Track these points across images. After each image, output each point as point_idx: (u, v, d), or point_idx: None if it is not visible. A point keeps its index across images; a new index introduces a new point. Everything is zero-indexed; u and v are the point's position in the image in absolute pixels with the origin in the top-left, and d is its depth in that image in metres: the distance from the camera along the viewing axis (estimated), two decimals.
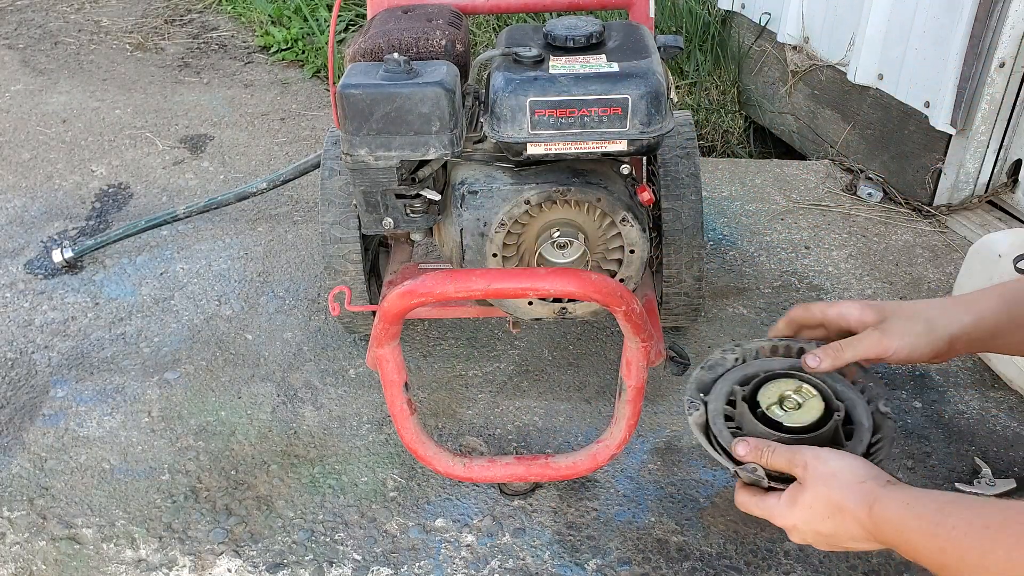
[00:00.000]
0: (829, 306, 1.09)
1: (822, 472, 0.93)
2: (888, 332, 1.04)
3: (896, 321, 1.05)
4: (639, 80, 1.62)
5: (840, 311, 1.09)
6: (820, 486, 0.93)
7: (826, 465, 0.94)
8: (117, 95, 3.72)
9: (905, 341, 1.04)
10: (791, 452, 0.97)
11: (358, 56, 1.82)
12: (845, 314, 1.10)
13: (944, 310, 1.06)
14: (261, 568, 1.79)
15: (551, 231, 1.76)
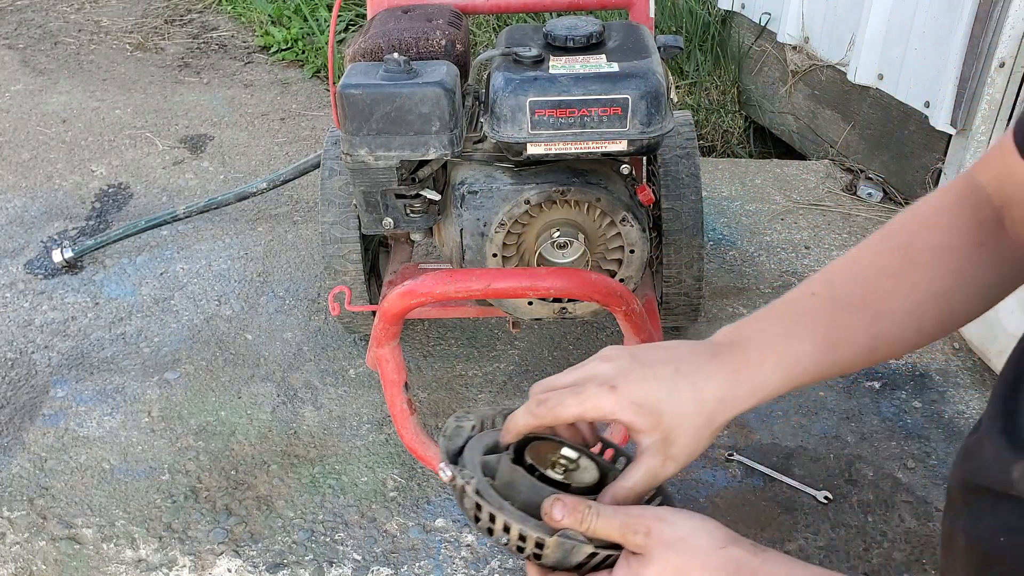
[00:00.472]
0: (579, 401, 0.75)
1: (669, 537, 0.70)
2: (673, 454, 0.76)
3: (679, 433, 0.75)
4: (639, 80, 1.62)
5: (598, 414, 0.76)
6: (670, 555, 0.70)
7: (674, 528, 0.71)
8: (117, 95, 3.72)
9: (688, 454, 0.77)
10: (625, 514, 0.72)
11: (358, 56, 1.82)
12: (605, 416, 0.76)
13: (725, 388, 0.77)
14: (261, 568, 1.79)
15: (551, 231, 1.76)
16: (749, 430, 2.08)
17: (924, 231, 0.82)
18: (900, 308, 0.78)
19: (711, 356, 0.76)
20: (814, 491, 1.90)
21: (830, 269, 0.81)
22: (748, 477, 1.96)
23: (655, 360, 0.75)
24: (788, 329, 0.77)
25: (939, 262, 0.80)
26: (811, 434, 2.06)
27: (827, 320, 0.77)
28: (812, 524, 1.84)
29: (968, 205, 0.82)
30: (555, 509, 0.72)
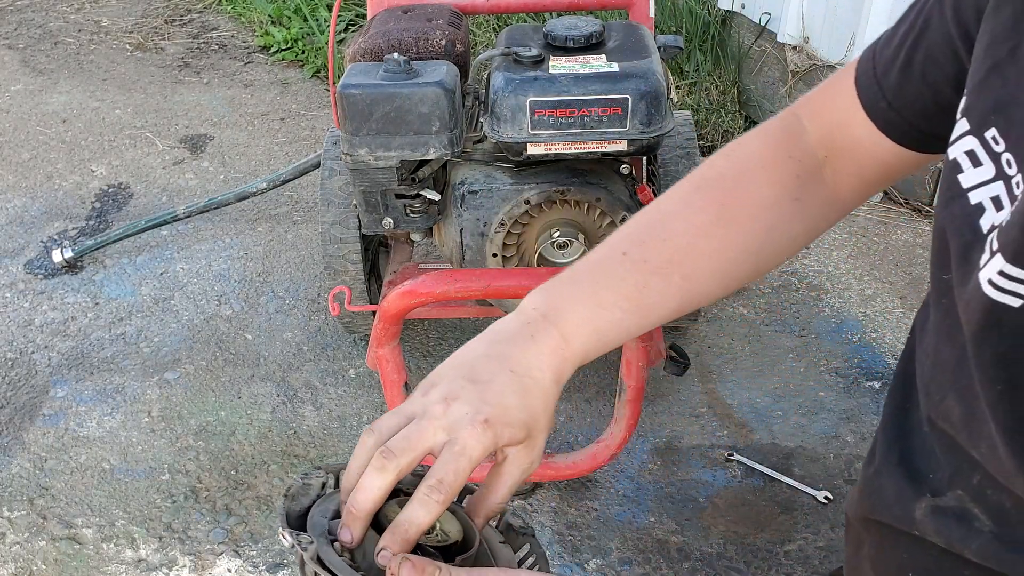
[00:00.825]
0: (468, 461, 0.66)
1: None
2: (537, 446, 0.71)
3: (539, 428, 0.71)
4: (639, 80, 1.62)
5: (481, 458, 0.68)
6: None
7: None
8: (117, 95, 3.72)
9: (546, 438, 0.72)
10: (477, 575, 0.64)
11: (358, 56, 1.82)
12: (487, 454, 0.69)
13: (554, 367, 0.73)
14: (261, 568, 1.79)
15: (551, 231, 1.76)
16: (749, 430, 2.08)
17: (740, 186, 0.77)
18: (711, 267, 0.76)
19: (531, 340, 0.72)
20: (814, 491, 1.90)
21: (641, 225, 0.77)
22: (748, 477, 1.96)
23: (491, 373, 0.69)
24: (599, 296, 0.73)
25: (754, 220, 0.77)
26: (811, 434, 2.06)
27: (639, 285, 0.74)
28: (812, 524, 1.84)
29: (787, 156, 0.78)
30: (403, 570, 0.62)
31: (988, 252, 0.54)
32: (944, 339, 0.61)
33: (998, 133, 0.56)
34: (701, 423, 2.11)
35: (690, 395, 2.19)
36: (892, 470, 0.68)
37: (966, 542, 0.60)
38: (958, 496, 0.62)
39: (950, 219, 0.59)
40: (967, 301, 0.55)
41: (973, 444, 0.58)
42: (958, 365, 0.59)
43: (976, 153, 0.58)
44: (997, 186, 0.56)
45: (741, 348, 2.33)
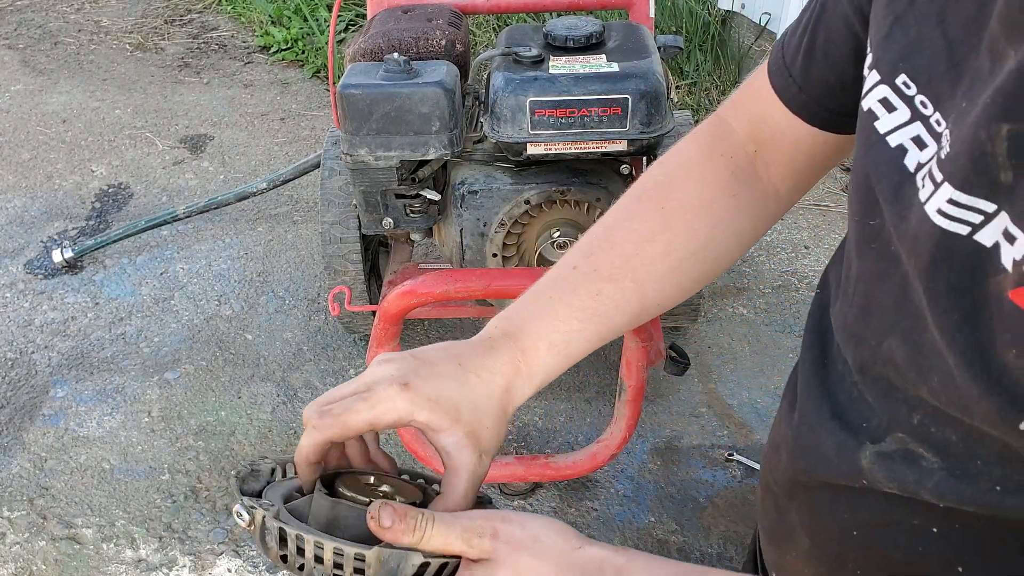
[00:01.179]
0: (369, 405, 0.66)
1: (520, 538, 0.62)
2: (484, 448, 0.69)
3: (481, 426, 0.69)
4: (639, 80, 1.62)
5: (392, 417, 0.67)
6: (522, 556, 0.62)
7: (524, 528, 0.63)
8: (117, 95, 3.72)
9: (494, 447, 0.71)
10: (465, 519, 0.63)
11: (358, 56, 1.82)
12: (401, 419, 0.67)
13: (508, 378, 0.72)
14: (261, 568, 1.79)
15: (551, 231, 1.76)
16: (749, 430, 2.08)
17: (677, 190, 0.80)
18: (661, 271, 0.77)
19: (489, 350, 0.72)
20: None
21: (589, 240, 0.79)
22: (748, 477, 1.96)
23: (437, 357, 0.70)
24: (556, 310, 0.75)
25: (694, 220, 0.79)
26: None
27: (592, 294, 0.75)
28: None
29: (719, 154, 0.81)
30: (383, 514, 0.61)
31: (930, 185, 0.55)
32: (879, 283, 0.62)
33: (908, 78, 0.60)
34: (701, 423, 2.11)
35: (690, 395, 2.19)
36: (827, 424, 0.68)
37: (921, 482, 0.61)
38: (899, 439, 0.63)
39: (873, 165, 0.62)
40: (913, 237, 0.56)
41: (922, 380, 0.58)
42: (898, 305, 0.60)
43: (889, 99, 0.61)
44: (915, 127, 0.59)
45: (741, 348, 2.33)
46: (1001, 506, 0.57)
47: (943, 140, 0.56)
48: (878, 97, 0.62)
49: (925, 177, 0.57)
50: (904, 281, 0.59)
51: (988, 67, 0.54)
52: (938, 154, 0.56)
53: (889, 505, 0.65)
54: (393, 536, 0.61)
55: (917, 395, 0.60)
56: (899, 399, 0.62)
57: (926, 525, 0.63)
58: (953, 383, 0.55)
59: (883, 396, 0.64)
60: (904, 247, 0.58)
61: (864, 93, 0.64)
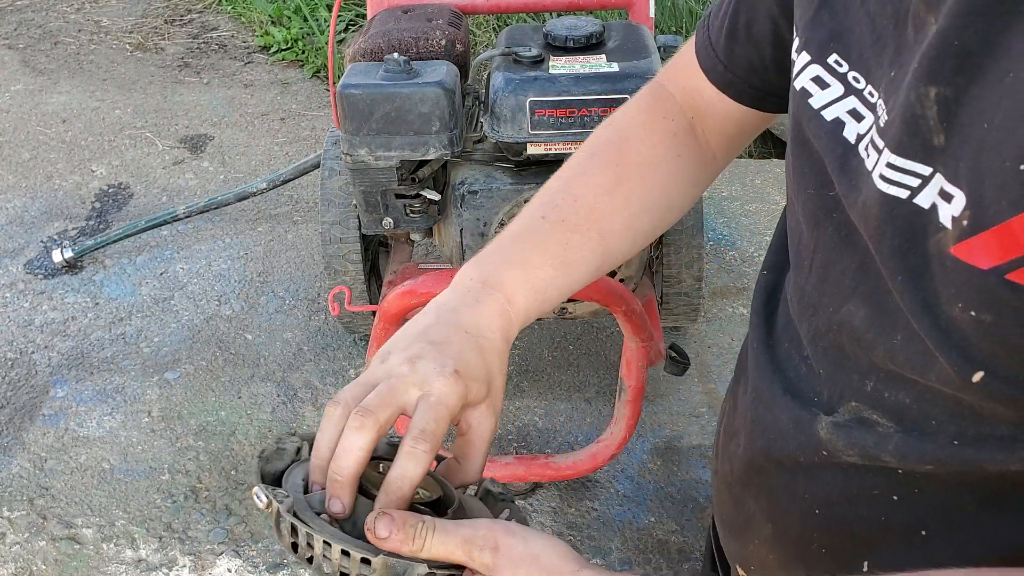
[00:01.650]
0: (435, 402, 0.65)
1: (520, 554, 0.60)
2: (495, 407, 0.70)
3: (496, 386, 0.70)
4: (639, 80, 1.62)
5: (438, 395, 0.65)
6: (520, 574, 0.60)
7: (526, 545, 0.61)
8: (117, 95, 3.72)
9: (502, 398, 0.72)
10: (469, 527, 0.61)
11: (358, 56, 1.82)
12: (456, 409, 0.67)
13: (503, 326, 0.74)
14: (261, 568, 1.79)
15: None
16: None
17: (629, 147, 0.83)
18: (620, 223, 0.80)
19: (476, 304, 0.75)
20: None
21: (550, 192, 0.81)
22: None
23: (445, 334, 0.70)
24: (529, 259, 0.78)
25: (646, 176, 0.82)
26: None
27: (562, 244, 0.78)
28: None
29: (661, 117, 0.85)
30: (379, 525, 0.59)
31: (874, 153, 0.57)
32: (839, 251, 0.63)
33: (839, 57, 0.63)
34: (701, 423, 2.11)
35: (690, 395, 2.19)
36: (781, 401, 0.70)
37: (881, 445, 0.62)
38: (852, 408, 0.64)
39: (816, 139, 0.64)
40: (863, 204, 0.58)
41: (883, 340, 0.60)
42: (860, 270, 0.62)
43: (822, 77, 0.64)
44: (850, 100, 0.62)
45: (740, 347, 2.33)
46: (960, 459, 0.58)
47: (878, 109, 0.58)
48: (810, 76, 0.65)
49: (868, 147, 0.59)
50: (866, 247, 0.60)
51: (913, 36, 0.56)
52: (876, 123, 0.58)
53: (848, 478, 0.66)
54: (392, 546, 0.60)
55: (871, 361, 0.62)
56: (851, 368, 0.64)
57: (887, 494, 0.64)
58: (913, 338, 0.57)
59: (835, 366, 0.65)
60: (855, 214, 0.60)
61: (796, 74, 0.66)
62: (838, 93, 0.63)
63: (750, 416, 0.74)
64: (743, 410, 0.76)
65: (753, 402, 0.74)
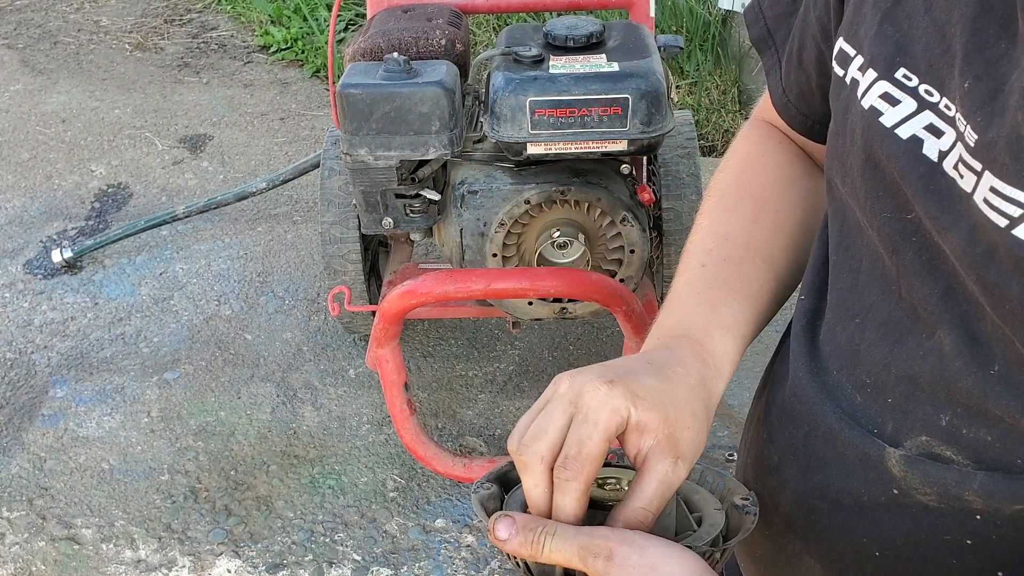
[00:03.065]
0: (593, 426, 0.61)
1: (635, 564, 0.57)
2: (682, 452, 0.63)
3: (682, 425, 0.63)
4: (639, 80, 1.62)
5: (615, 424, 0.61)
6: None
7: (642, 555, 0.57)
8: (117, 95, 3.72)
9: (695, 449, 0.65)
10: (585, 536, 0.58)
11: (358, 56, 1.82)
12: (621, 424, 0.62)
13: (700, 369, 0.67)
14: (261, 568, 1.79)
15: (551, 231, 1.76)
16: None
17: (751, 176, 0.79)
18: (780, 246, 0.76)
19: (666, 349, 0.68)
20: None
21: (697, 244, 0.76)
22: None
23: (623, 360, 0.66)
24: (709, 301, 0.71)
25: (784, 196, 0.78)
26: None
27: (736, 277, 0.73)
28: None
29: (777, 142, 0.82)
30: (499, 527, 0.58)
31: (969, 173, 0.54)
32: (920, 276, 0.59)
33: (908, 71, 0.59)
34: None
35: None
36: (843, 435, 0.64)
37: (964, 484, 0.58)
38: (923, 442, 0.60)
39: (891, 160, 0.59)
40: (968, 228, 0.54)
41: (976, 369, 0.56)
42: (945, 296, 0.58)
43: (891, 94, 0.60)
44: (925, 116, 0.58)
45: None
46: None
47: (958, 124, 0.54)
48: (879, 93, 0.61)
49: (958, 166, 0.55)
50: (953, 271, 0.56)
51: (1005, 49, 0.52)
52: (961, 140, 0.54)
53: (916, 520, 0.61)
54: (512, 549, 0.59)
55: (951, 394, 0.58)
56: (924, 400, 0.60)
57: (960, 537, 0.60)
58: (1019, 368, 0.54)
59: (906, 397, 0.61)
60: (949, 239, 0.56)
61: (861, 94, 0.62)
62: (911, 109, 0.58)
63: (802, 450, 0.68)
64: (787, 443, 0.70)
65: (807, 436, 0.68)
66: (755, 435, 0.75)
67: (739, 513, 0.68)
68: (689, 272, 0.74)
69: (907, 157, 0.58)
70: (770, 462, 0.72)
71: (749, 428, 0.78)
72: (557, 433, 0.61)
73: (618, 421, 0.61)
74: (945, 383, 0.58)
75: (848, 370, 0.65)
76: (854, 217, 0.65)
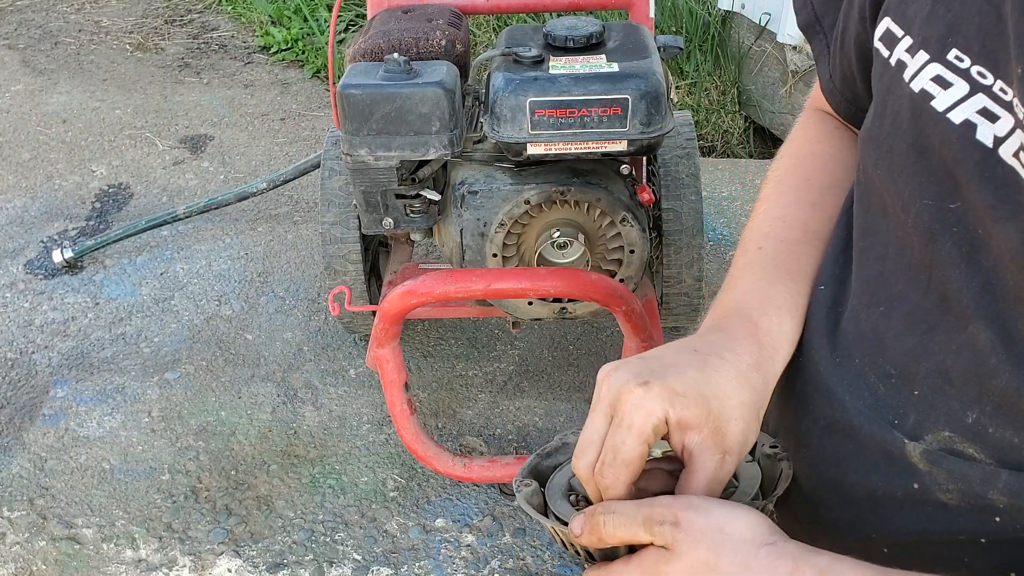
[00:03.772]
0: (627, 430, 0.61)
1: (702, 527, 0.56)
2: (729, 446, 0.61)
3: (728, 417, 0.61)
4: (639, 80, 1.62)
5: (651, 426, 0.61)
6: (701, 550, 0.56)
7: (708, 517, 0.57)
8: (117, 95, 3.72)
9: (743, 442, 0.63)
10: (647, 507, 0.58)
11: (358, 56, 1.82)
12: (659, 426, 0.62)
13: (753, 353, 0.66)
14: (261, 568, 1.79)
15: (551, 231, 1.76)
16: None
17: (809, 163, 0.78)
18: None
19: (717, 331, 0.67)
20: None
21: (754, 230, 0.75)
22: None
23: (666, 351, 0.65)
24: (764, 281, 0.70)
25: (844, 181, 0.75)
26: None
27: (792, 257, 0.71)
28: None
29: (833, 128, 0.80)
30: (575, 524, 0.60)
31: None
32: (959, 268, 0.57)
33: (960, 52, 0.57)
34: None
35: None
36: (864, 429, 0.62)
37: (990, 482, 0.56)
38: (945, 438, 0.58)
39: (944, 145, 0.57)
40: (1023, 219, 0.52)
41: (1013, 367, 0.54)
42: (984, 291, 0.56)
43: (943, 76, 0.58)
44: (979, 99, 0.55)
45: None
46: None
47: (1016, 110, 0.52)
48: (930, 76, 0.58)
49: (1019, 153, 0.52)
50: (996, 265, 0.55)
51: None
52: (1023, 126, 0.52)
53: (932, 517, 0.60)
54: (587, 541, 0.60)
55: (982, 390, 0.56)
56: (952, 395, 0.58)
57: (975, 536, 0.59)
58: None
59: (934, 391, 0.59)
60: (1003, 230, 0.53)
61: (911, 76, 0.60)
62: (963, 92, 0.56)
63: (816, 444, 0.67)
64: (800, 436, 0.68)
65: (824, 430, 0.66)
66: (770, 426, 0.74)
67: (771, 462, 0.68)
68: (747, 255, 0.73)
69: (961, 143, 0.56)
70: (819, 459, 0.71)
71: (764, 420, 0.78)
72: (600, 442, 0.62)
73: (654, 423, 0.60)
74: (979, 379, 0.56)
75: (871, 359, 0.63)
76: (880, 203, 0.63)
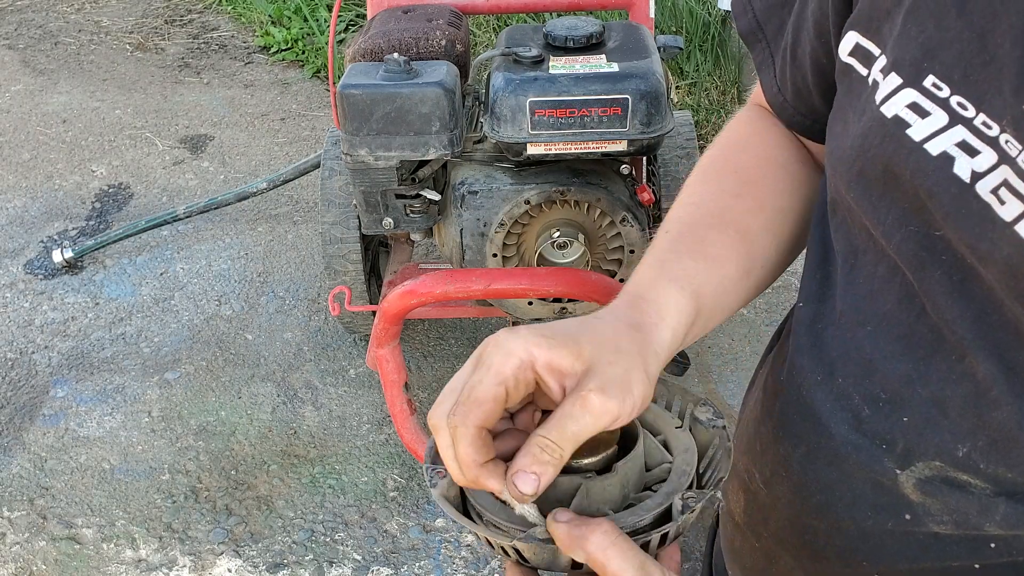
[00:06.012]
0: (486, 369, 0.58)
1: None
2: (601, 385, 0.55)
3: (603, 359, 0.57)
4: (639, 80, 1.62)
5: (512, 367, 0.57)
6: None
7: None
8: (117, 95, 3.72)
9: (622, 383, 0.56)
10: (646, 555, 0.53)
11: (358, 56, 1.82)
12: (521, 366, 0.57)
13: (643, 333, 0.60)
14: (261, 568, 1.79)
15: (551, 231, 1.76)
16: None
17: (739, 154, 0.74)
18: (758, 225, 0.70)
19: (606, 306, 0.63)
20: None
21: (674, 216, 0.70)
22: None
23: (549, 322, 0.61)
24: (664, 260, 0.65)
25: (775, 178, 0.72)
26: None
27: (695, 239, 0.67)
28: None
29: (771, 124, 0.76)
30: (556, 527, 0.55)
31: (1016, 202, 0.49)
32: (951, 297, 0.55)
33: (937, 79, 0.53)
34: None
35: None
36: (851, 457, 0.60)
37: (987, 514, 0.55)
38: (935, 467, 0.56)
39: (919, 176, 0.54)
40: (1007, 258, 0.50)
41: (1017, 398, 0.52)
42: (978, 320, 0.53)
43: (920, 104, 0.54)
44: (958, 131, 0.52)
45: (741, 348, 2.33)
46: None
47: (1004, 146, 0.50)
48: (906, 103, 0.55)
49: (1001, 190, 0.50)
50: (989, 296, 0.53)
51: None
52: (1012, 164, 0.50)
53: (924, 547, 0.58)
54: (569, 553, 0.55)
55: (978, 422, 0.54)
56: (945, 427, 0.56)
57: (968, 564, 0.57)
58: None
59: (926, 421, 0.57)
60: (990, 265, 0.52)
61: (882, 99, 0.57)
62: (942, 123, 0.53)
63: (796, 469, 0.64)
64: (780, 460, 0.66)
65: (805, 456, 0.64)
66: (750, 446, 0.71)
67: (705, 429, 0.63)
68: (658, 240, 0.69)
69: (937, 175, 0.53)
70: (761, 475, 0.69)
71: (741, 438, 0.74)
72: (461, 389, 0.58)
73: (515, 363, 0.56)
74: (977, 410, 0.54)
75: (856, 380, 0.61)
76: (860, 223, 0.61)
